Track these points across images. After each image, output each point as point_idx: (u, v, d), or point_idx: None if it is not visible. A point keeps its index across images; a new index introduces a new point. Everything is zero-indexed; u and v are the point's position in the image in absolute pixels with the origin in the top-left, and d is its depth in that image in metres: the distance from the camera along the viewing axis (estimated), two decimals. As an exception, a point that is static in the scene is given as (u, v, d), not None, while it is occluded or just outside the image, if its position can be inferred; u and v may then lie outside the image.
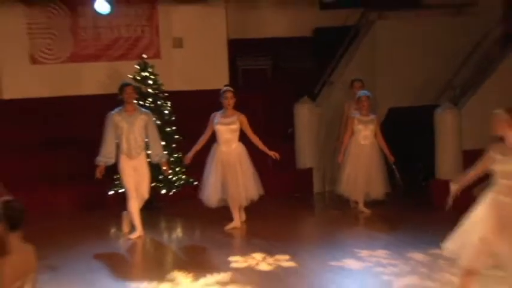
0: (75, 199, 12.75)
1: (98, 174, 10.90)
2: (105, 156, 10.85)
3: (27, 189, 11.80)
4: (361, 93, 12.17)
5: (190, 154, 11.19)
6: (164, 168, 11.30)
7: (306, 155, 14.05)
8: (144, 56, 13.46)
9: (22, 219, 5.44)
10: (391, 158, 12.12)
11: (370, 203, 11.96)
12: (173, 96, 13.01)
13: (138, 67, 12.90)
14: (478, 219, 7.22)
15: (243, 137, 11.32)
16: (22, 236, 5.46)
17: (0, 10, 14.13)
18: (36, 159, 13.16)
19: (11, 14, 14.27)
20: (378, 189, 12.08)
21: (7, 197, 5.57)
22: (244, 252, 10.18)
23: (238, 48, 15.36)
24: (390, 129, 12.89)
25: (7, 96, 14.38)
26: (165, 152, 11.55)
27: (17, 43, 14.47)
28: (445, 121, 12.67)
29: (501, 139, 7.26)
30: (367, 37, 14.67)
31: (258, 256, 9.95)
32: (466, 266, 7.27)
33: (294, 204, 13.06)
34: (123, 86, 11.04)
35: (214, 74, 14.84)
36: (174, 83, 13.66)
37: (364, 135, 12.06)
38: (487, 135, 12.77)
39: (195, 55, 14.93)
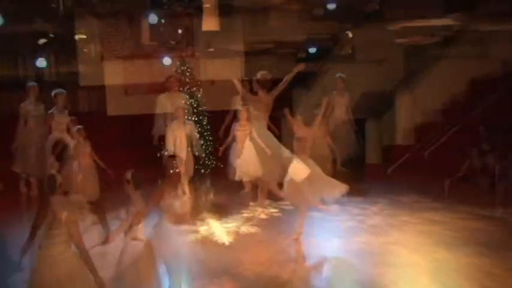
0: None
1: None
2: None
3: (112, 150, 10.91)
4: (338, 75, 11.66)
5: (221, 150, 10.85)
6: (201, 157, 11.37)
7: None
8: (183, 55, 12.18)
9: (141, 183, 5.94)
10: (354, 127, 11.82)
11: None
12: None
13: (178, 63, 11.90)
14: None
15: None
16: (140, 193, 5.96)
17: (80, 24, 12.78)
18: (111, 128, 12.43)
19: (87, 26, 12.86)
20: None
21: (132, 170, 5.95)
22: (251, 207, 10.36)
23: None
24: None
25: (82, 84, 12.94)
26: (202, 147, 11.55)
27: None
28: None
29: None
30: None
31: (259, 209, 10.13)
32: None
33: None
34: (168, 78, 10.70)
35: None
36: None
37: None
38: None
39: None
